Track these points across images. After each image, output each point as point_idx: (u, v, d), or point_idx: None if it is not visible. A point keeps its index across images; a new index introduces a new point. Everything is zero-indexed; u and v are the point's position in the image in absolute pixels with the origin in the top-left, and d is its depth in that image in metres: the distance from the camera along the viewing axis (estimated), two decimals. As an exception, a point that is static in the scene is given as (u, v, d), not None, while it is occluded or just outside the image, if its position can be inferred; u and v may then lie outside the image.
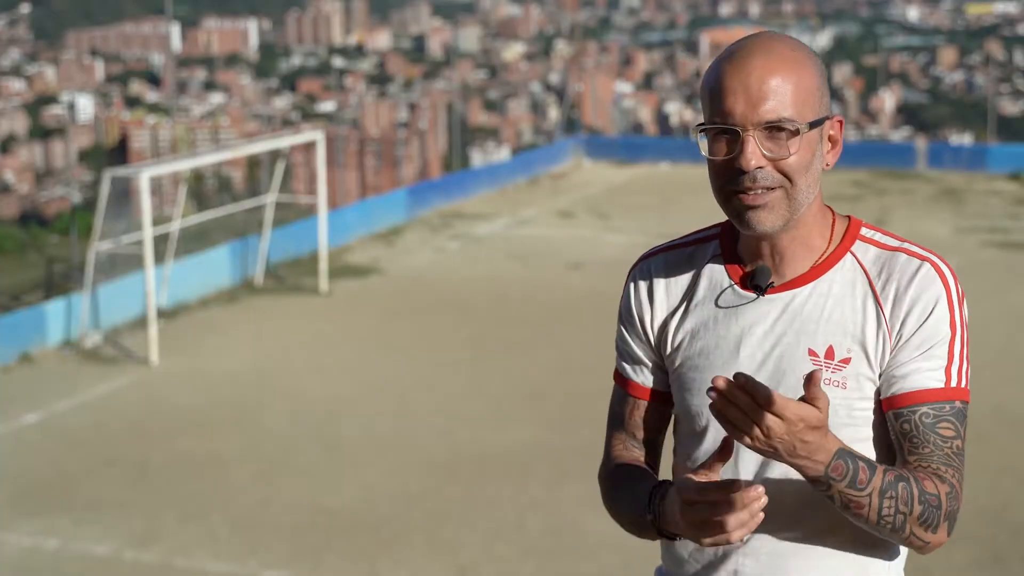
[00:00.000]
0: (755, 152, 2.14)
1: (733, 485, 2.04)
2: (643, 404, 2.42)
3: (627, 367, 2.43)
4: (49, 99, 71.90)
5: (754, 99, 2.14)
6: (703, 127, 2.19)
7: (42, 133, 69.71)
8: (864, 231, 2.29)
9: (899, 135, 67.31)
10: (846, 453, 2.08)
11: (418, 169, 71.10)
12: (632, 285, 2.41)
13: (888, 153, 29.36)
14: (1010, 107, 69.71)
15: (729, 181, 2.18)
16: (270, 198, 19.00)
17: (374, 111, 75.55)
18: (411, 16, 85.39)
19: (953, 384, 2.18)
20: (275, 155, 19.77)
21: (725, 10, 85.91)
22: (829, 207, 2.30)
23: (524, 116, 75.93)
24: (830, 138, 2.25)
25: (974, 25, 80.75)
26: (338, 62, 78.97)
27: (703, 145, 2.20)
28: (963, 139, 60.87)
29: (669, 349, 2.35)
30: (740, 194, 2.17)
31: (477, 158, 62.47)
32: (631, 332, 2.41)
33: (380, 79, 79.53)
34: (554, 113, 68.83)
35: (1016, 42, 77.20)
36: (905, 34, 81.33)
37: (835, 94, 76.74)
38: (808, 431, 2.02)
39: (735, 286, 2.29)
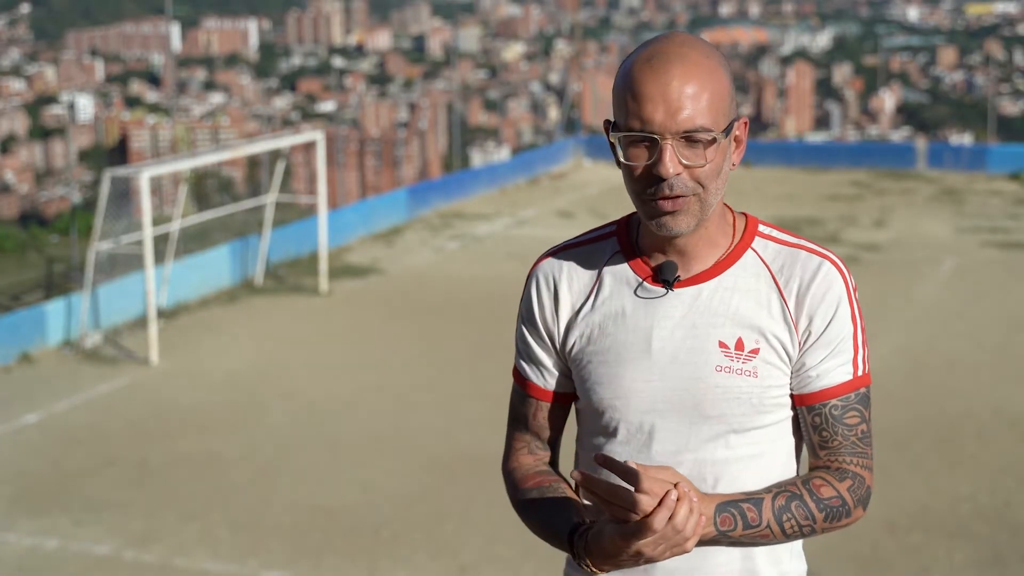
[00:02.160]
0: (673, 160, 2.21)
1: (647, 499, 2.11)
2: (545, 406, 2.49)
3: (528, 369, 2.48)
4: (49, 99, 71.94)
5: (673, 108, 2.20)
6: (620, 133, 2.24)
7: (42, 133, 69.75)
8: (762, 228, 2.39)
9: (899, 135, 67.35)
10: (725, 505, 2.24)
11: (418, 169, 71.12)
12: (534, 288, 2.46)
13: (888, 153, 29.35)
14: (1010, 107, 69.73)
15: (646, 187, 2.24)
16: (270, 198, 19.00)
17: (374, 111, 75.57)
18: (411, 16, 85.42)
19: (860, 373, 2.34)
20: (275, 155, 19.76)
21: (725, 10, 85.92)
22: (727, 204, 2.39)
23: (524, 116, 75.95)
24: (736, 138, 2.32)
25: (974, 25, 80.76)
26: (338, 62, 78.99)
27: (619, 151, 2.25)
28: (963, 139, 60.89)
29: (575, 347, 2.40)
30: (656, 200, 2.24)
31: (477, 158, 62.50)
32: (534, 334, 2.46)
33: (380, 79, 79.57)
34: (554, 113, 68.82)
35: (1016, 42, 77.20)
36: (905, 34, 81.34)
37: (835, 94, 76.75)
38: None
39: (643, 282, 2.36)
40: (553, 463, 2.52)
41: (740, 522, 2.23)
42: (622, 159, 2.24)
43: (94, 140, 68.57)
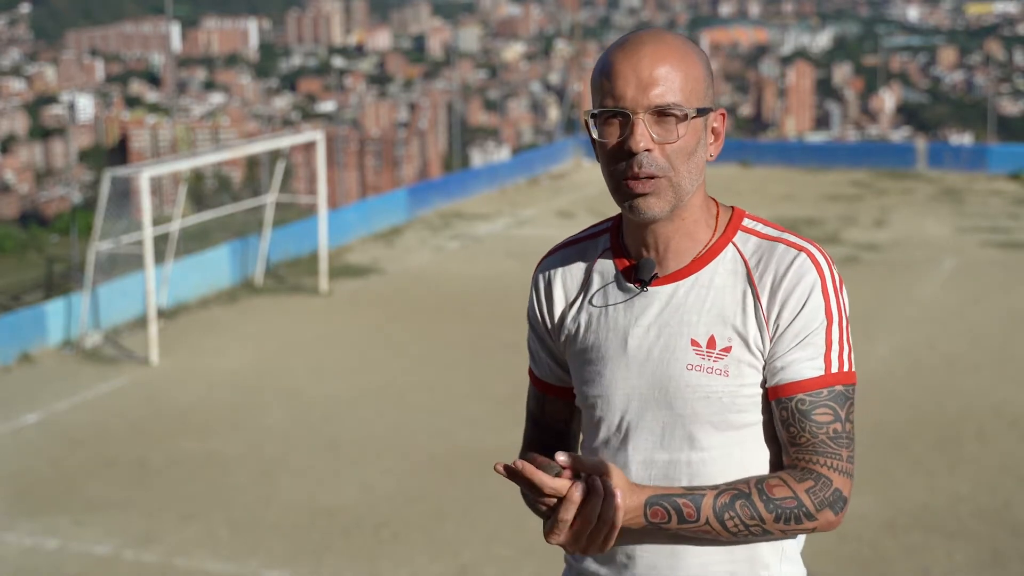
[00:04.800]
0: (644, 135, 2.22)
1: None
2: (553, 400, 2.51)
3: (536, 365, 2.52)
4: (49, 99, 71.92)
5: (644, 84, 2.22)
6: (595, 112, 2.26)
7: (42, 133, 69.72)
8: (746, 221, 2.36)
9: (899, 135, 67.34)
10: (658, 498, 2.20)
11: (418, 169, 71.12)
12: (533, 287, 2.49)
13: (888, 153, 29.35)
14: (1010, 107, 69.72)
15: (618, 164, 2.25)
16: (270, 198, 19.01)
17: (374, 111, 75.54)
18: (411, 16, 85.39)
19: (834, 370, 2.26)
20: (275, 155, 19.77)
21: (725, 10, 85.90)
22: (713, 199, 2.37)
23: (524, 116, 75.95)
24: (713, 130, 2.32)
25: (974, 25, 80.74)
26: (338, 62, 79.03)
27: (594, 131, 2.27)
28: (963, 139, 60.90)
29: (567, 343, 2.43)
30: (628, 180, 2.24)
31: (477, 158, 62.52)
32: (536, 330, 2.50)
33: (380, 79, 79.54)
34: (554, 113, 68.81)
35: (1016, 42, 77.19)
36: (905, 34, 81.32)
37: (835, 94, 76.76)
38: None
39: (622, 280, 2.37)
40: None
41: (674, 516, 2.19)
42: (596, 136, 2.26)
43: (94, 140, 68.60)
